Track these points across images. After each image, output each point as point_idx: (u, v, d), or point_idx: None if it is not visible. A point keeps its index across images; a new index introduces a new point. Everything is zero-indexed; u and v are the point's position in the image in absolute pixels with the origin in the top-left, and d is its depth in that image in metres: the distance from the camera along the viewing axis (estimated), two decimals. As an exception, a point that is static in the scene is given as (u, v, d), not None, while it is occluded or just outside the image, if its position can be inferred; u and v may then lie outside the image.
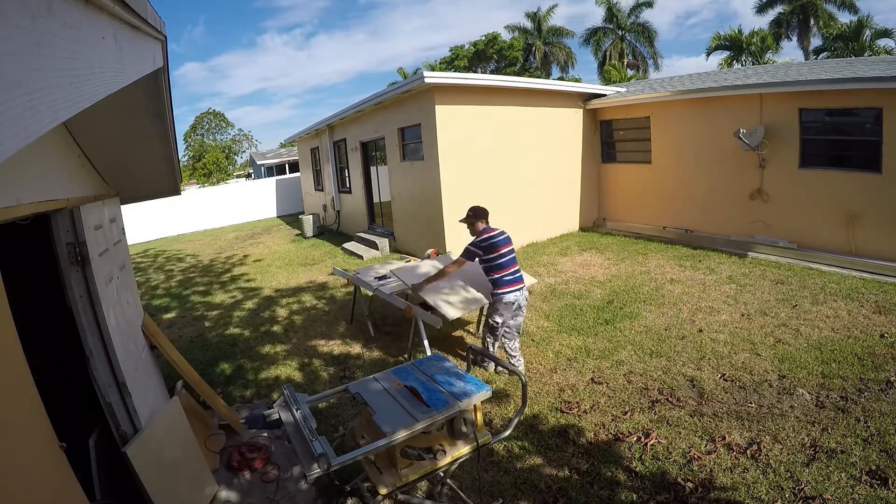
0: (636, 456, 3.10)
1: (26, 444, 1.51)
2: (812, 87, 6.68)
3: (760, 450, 3.02)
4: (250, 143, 35.76)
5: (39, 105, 0.79)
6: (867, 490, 2.62)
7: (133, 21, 1.48)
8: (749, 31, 24.29)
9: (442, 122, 7.89)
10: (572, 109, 9.75)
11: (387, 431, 2.20)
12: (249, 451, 3.31)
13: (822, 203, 6.94)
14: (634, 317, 5.35)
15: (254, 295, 7.64)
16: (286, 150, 29.12)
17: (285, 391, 2.57)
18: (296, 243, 12.06)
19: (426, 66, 33.89)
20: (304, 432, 2.21)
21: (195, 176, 30.56)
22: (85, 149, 2.83)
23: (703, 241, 8.14)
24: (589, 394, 3.91)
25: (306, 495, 2.98)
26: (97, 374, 2.41)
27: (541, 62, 31.31)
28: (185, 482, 2.80)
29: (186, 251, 12.69)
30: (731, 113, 7.75)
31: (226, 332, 6.08)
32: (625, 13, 28.05)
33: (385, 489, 2.26)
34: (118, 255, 3.11)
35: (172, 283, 9.14)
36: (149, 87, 2.29)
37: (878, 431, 3.08)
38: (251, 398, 4.33)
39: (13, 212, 1.73)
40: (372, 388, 2.63)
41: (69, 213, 2.32)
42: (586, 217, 10.25)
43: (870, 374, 3.77)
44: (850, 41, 22.01)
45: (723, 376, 3.97)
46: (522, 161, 8.98)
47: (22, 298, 2.19)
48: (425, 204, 8.58)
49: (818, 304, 5.26)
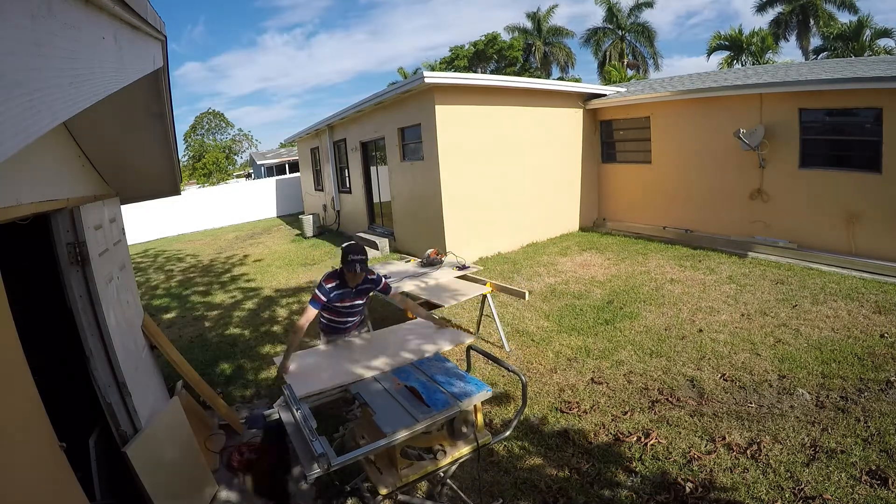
0: (636, 456, 3.10)
1: (26, 444, 1.50)
2: (812, 87, 6.68)
3: (760, 450, 3.02)
4: (250, 143, 35.79)
5: (39, 105, 0.79)
6: (867, 490, 2.62)
7: (133, 21, 1.48)
8: (749, 31, 24.30)
9: (442, 122, 7.89)
10: (572, 109, 9.75)
11: (387, 431, 2.20)
12: (249, 451, 3.31)
13: (822, 203, 6.94)
14: (634, 317, 5.35)
15: (254, 295, 7.64)
16: (286, 150, 29.12)
17: (285, 391, 2.57)
18: (296, 243, 12.06)
19: (426, 66, 33.90)
20: (304, 432, 2.21)
21: (195, 176, 30.56)
22: (85, 149, 2.83)
23: (703, 241, 8.14)
24: (589, 394, 3.91)
25: (306, 495, 2.98)
26: (97, 374, 2.41)
27: (541, 62, 31.31)
28: (185, 482, 2.80)
29: (186, 251, 12.69)
30: (731, 113, 7.75)
31: (226, 332, 6.08)
32: (625, 13, 28.07)
33: (385, 489, 2.26)
34: (118, 255, 3.11)
35: (172, 284, 9.14)
36: (149, 87, 2.28)
37: (878, 431, 3.08)
38: (251, 398, 4.33)
39: (13, 212, 1.72)
40: (372, 389, 2.63)
41: (69, 213, 2.32)
42: (586, 217, 10.25)
43: (870, 374, 3.77)
44: (850, 41, 22.01)
45: (723, 376, 3.97)
46: (522, 161, 8.98)
47: (22, 298, 2.19)
48: (425, 204, 8.58)
49: (818, 304, 5.26)
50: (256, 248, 12.01)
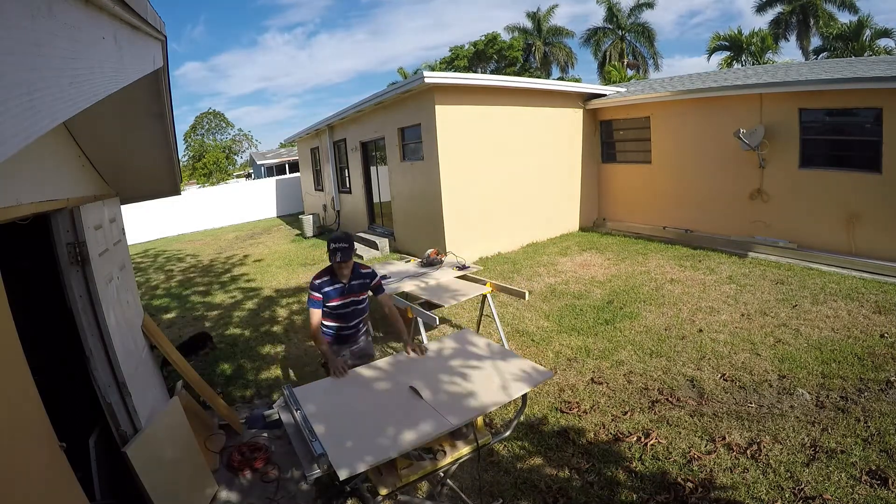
0: (636, 456, 3.10)
1: (26, 444, 1.50)
2: (812, 87, 6.68)
3: (760, 450, 3.02)
4: (250, 143, 35.79)
5: (39, 105, 0.79)
6: (867, 490, 2.62)
7: (133, 21, 1.48)
8: (749, 32, 24.31)
9: (442, 122, 7.89)
10: (572, 109, 9.75)
11: (387, 431, 2.19)
12: (249, 451, 3.31)
13: (822, 203, 6.94)
14: (634, 317, 5.35)
15: (254, 295, 7.64)
16: (286, 150, 29.12)
17: (285, 391, 2.57)
18: (296, 243, 12.06)
19: (425, 66, 33.90)
20: (304, 432, 2.21)
21: (195, 176, 30.57)
22: (85, 149, 2.83)
23: (703, 241, 8.14)
24: (589, 394, 3.91)
25: (306, 495, 2.98)
26: (97, 374, 2.41)
27: (540, 62, 31.31)
28: (186, 482, 2.80)
29: (186, 251, 12.69)
30: (731, 113, 7.75)
31: (226, 332, 6.08)
32: (625, 13, 28.08)
33: (385, 489, 2.26)
34: (118, 255, 3.11)
35: (172, 284, 9.14)
36: (149, 88, 2.29)
37: (878, 431, 3.08)
38: (251, 398, 4.33)
39: (13, 212, 1.73)
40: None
41: (69, 213, 2.32)
42: (586, 217, 10.25)
43: (870, 374, 3.77)
44: (850, 41, 22.02)
45: (723, 376, 3.97)
46: (522, 161, 8.98)
47: (22, 298, 2.19)
48: (425, 204, 8.58)
49: (818, 304, 5.26)
50: (256, 248, 12.02)
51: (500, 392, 2.39)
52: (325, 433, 2.13)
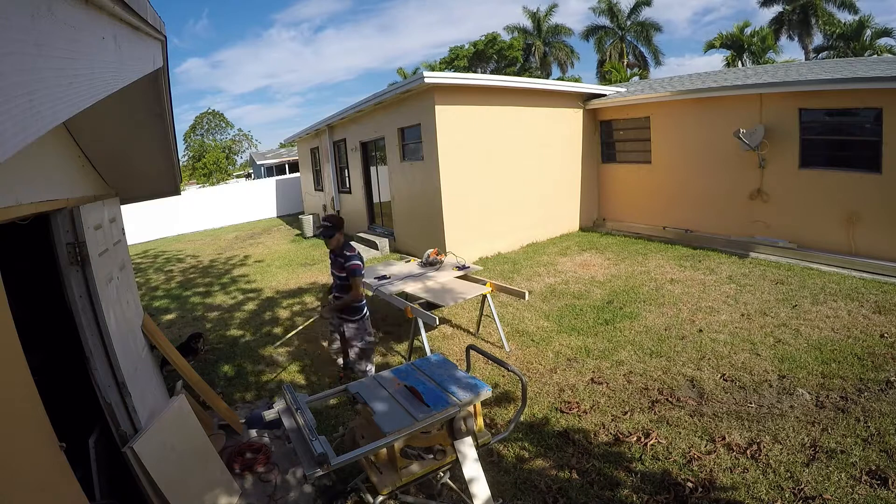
0: (636, 456, 3.10)
1: (26, 445, 1.50)
2: (812, 87, 6.68)
3: (760, 450, 3.02)
4: (250, 143, 35.82)
5: (39, 105, 0.79)
6: (867, 490, 2.62)
7: (133, 21, 1.48)
8: (750, 31, 24.32)
9: (442, 122, 7.89)
10: (572, 109, 9.75)
11: (387, 431, 2.20)
12: (250, 451, 3.31)
13: (821, 203, 6.94)
14: (634, 317, 5.35)
15: (254, 296, 7.63)
16: (286, 150, 29.11)
17: (285, 391, 2.57)
18: (296, 243, 12.06)
19: (425, 66, 33.89)
20: (304, 432, 2.21)
21: (195, 176, 30.59)
22: (85, 149, 2.83)
23: (703, 241, 8.14)
24: (589, 394, 3.91)
25: (306, 495, 2.98)
26: (97, 374, 2.41)
27: (540, 62, 31.33)
28: (199, 482, 2.75)
29: (186, 251, 12.69)
30: (731, 113, 7.75)
31: (226, 333, 6.08)
32: (625, 13, 28.10)
33: (385, 489, 2.26)
34: (118, 255, 3.10)
35: (172, 284, 9.13)
36: (149, 87, 2.29)
37: (878, 431, 3.08)
38: (252, 399, 4.33)
39: (13, 212, 1.72)
40: (372, 388, 2.63)
41: (69, 213, 2.32)
42: (586, 217, 10.25)
43: (870, 374, 3.77)
44: (850, 40, 22.05)
45: (723, 376, 3.97)
46: (522, 161, 8.98)
47: (22, 298, 2.19)
48: (425, 204, 8.58)
49: (818, 304, 5.26)
50: (256, 248, 12.01)
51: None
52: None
